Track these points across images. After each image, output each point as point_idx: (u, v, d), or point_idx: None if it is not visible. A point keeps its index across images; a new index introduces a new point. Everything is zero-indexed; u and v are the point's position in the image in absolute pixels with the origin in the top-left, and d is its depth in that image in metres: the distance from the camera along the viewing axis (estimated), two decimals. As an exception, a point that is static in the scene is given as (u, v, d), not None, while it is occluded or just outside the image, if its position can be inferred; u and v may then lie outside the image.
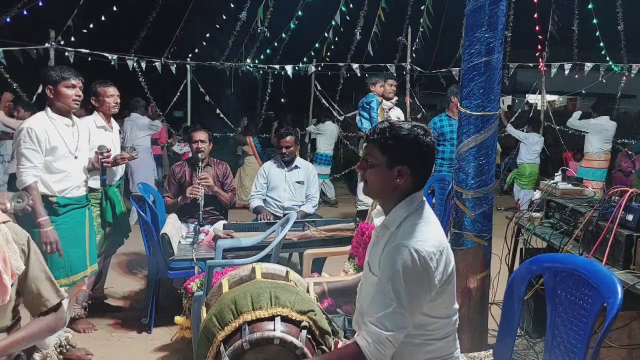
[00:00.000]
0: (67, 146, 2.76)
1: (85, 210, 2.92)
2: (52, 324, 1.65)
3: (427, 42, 8.30)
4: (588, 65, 7.82)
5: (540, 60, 7.80)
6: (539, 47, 7.94)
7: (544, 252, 2.72)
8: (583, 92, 8.94)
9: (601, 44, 7.85)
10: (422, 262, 1.41)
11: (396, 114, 5.18)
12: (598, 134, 6.24)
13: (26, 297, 1.68)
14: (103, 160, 3.04)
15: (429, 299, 1.46)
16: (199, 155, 3.76)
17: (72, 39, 6.82)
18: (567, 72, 8.01)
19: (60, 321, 1.68)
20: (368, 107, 5.03)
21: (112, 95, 3.36)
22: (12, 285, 1.58)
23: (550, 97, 11.05)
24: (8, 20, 6.27)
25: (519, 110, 9.61)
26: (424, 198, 1.58)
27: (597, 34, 7.72)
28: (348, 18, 7.98)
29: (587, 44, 8.09)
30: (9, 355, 1.68)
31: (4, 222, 1.65)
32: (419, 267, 1.41)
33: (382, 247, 1.53)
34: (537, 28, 7.90)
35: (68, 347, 2.84)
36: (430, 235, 1.47)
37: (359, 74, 8.09)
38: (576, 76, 8.35)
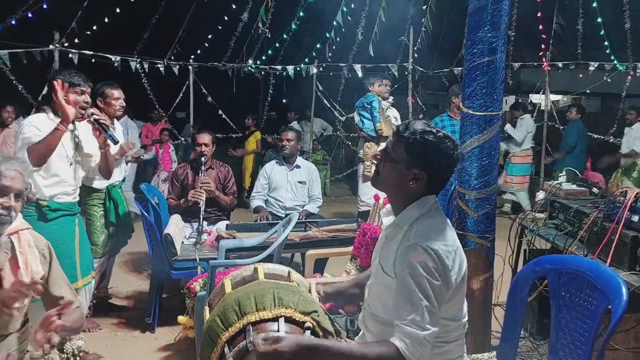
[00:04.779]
0: (65, 150, 2.67)
1: (75, 219, 2.80)
2: (83, 317, 1.76)
3: (430, 42, 8.28)
4: (593, 65, 7.79)
5: (543, 59, 7.77)
6: (543, 46, 7.91)
7: (548, 254, 2.71)
8: (588, 91, 8.90)
9: (606, 43, 7.81)
10: (439, 260, 1.41)
11: (393, 114, 5.19)
12: (532, 131, 6.93)
13: (47, 300, 1.75)
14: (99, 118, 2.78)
15: (446, 298, 1.46)
16: (202, 158, 3.76)
17: (76, 40, 6.84)
18: (571, 71, 7.98)
19: (82, 318, 1.76)
20: (369, 107, 5.04)
21: (118, 98, 3.34)
22: None
23: (554, 97, 11.01)
24: (13, 22, 6.30)
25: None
26: (437, 200, 1.58)
27: (602, 32, 7.68)
28: (350, 18, 7.97)
29: (592, 43, 8.05)
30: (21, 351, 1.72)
31: (26, 229, 1.75)
32: (438, 265, 1.41)
33: (395, 247, 1.52)
34: (540, 27, 7.87)
35: (82, 354, 2.85)
36: (444, 234, 1.48)
37: (360, 75, 8.08)
38: (580, 75, 8.31)
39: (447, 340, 1.53)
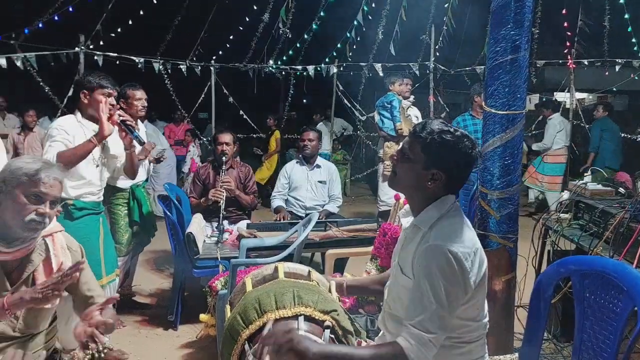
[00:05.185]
0: (92, 153, 2.67)
1: (99, 218, 2.85)
2: (115, 316, 1.79)
3: (451, 40, 8.19)
4: (619, 62, 7.59)
5: (569, 57, 7.60)
6: (568, 43, 7.74)
7: (573, 254, 2.66)
8: (614, 89, 8.68)
9: (633, 40, 7.60)
10: (457, 263, 1.39)
11: (414, 113, 5.15)
12: (561, 130, 6.68)
13: (77, 300, 1.79)
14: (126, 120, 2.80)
15: (463, 301, 1.45)
16: (223, 158, 3.80)
17: (101, 43, 7.00)
18: (597, 68, 7.79)
19: (115, 318, 1.79)
20: (389, 106, 5.02)
21: (140, 98, 3.38)
22: None
23: (579, 95, 10.75)
24: (40, 25, 6.47)
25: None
26: (456, 200, 1.57)
27: (630, 29, 7.48)
28: (370, 17, 7.94)
29: (619, 39, 7.84)
30: (48, 348, 1.77)
31: (60, 231, 1.80)
32: (455, 268, 1.39)
33: (414, 248, 1.51)
34: (565, 24, 7.71)
35: (106, 350, 2.90)
36: (463, 236, 1.46)
37: (381, 74, 8.05)
38: (606, 73, 8.10)
39: (468, 341, 1.52)
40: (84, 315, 1.57)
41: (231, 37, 8.34)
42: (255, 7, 7.96)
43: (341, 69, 8.43)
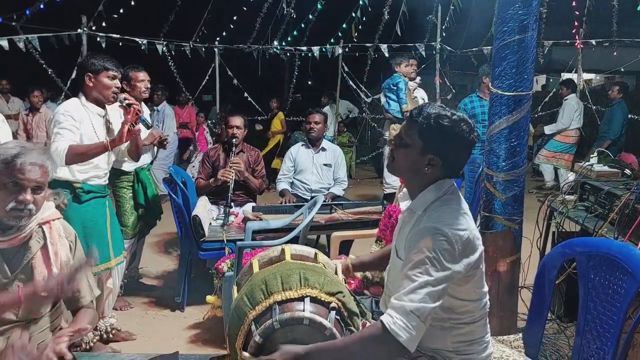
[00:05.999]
0: (97, 137, 2.69)
1: (105, 201, 2.86)
2: (95, 316, 1.78)
3: (458, 20, 8.07)
4: (627, 42, 7.47)
5: (576, 37, 7.49)
6: (576, 23, 7.62)
7: (577, 236, 2.66)
8: (622, 69, 8.57)
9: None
10: (448, 245, 1.38)
11: (421, 95, 5.11)
12: (577, 109, 6.69)
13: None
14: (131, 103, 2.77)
15: (455, 283, 1.44)
16: (233, 140, 3.80)
17: (103, 24, 6.94)
18: (605, 48, 7.68)
19: (96, 318, 1.81)
20: (395, 88, 4.98)
21: (142, 80, 3.37)
22: None
23: (587, 76, 10.61)
24: (42, 6, 6.42)
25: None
26: (454, 183, 1.56)
27: (639, 8, 7.34)
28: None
29: (626, 18, 7.70)
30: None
31: (57, 219, 1.78)
32: (444, 250, 1.38)
33: (408, 232, 1.51)
34: (573, 4, 7.57)
35: (114, 331, 2.95)
36: (456, 219, 1.44)
37: (387, 55, 7.96)
38: (614, 53, 7.99)
39: (469, 322, 1.52)
40: (55, 336, 1.56)
41: (235, 18, 8.26)
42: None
43: (346, 49, 8.34)
